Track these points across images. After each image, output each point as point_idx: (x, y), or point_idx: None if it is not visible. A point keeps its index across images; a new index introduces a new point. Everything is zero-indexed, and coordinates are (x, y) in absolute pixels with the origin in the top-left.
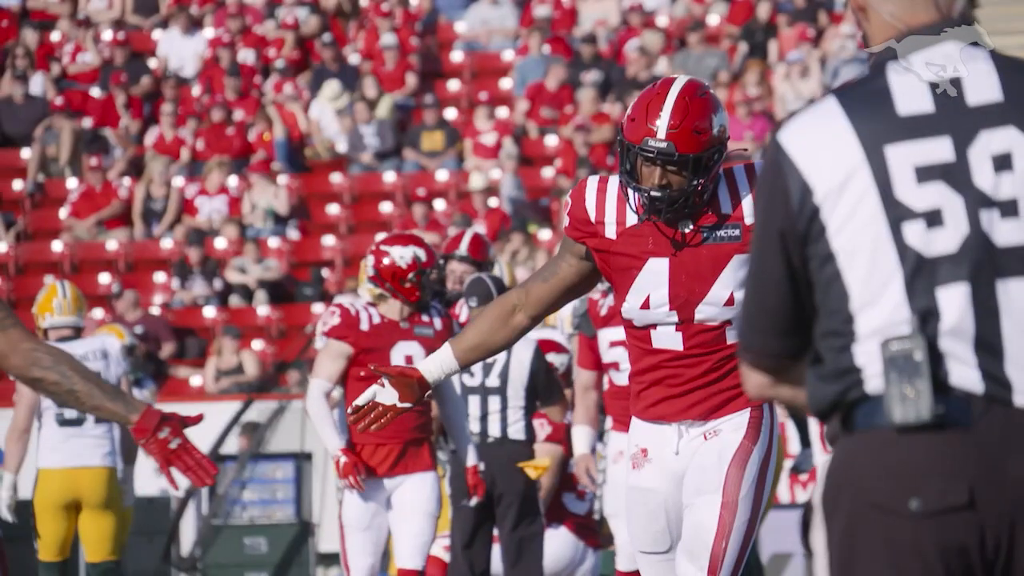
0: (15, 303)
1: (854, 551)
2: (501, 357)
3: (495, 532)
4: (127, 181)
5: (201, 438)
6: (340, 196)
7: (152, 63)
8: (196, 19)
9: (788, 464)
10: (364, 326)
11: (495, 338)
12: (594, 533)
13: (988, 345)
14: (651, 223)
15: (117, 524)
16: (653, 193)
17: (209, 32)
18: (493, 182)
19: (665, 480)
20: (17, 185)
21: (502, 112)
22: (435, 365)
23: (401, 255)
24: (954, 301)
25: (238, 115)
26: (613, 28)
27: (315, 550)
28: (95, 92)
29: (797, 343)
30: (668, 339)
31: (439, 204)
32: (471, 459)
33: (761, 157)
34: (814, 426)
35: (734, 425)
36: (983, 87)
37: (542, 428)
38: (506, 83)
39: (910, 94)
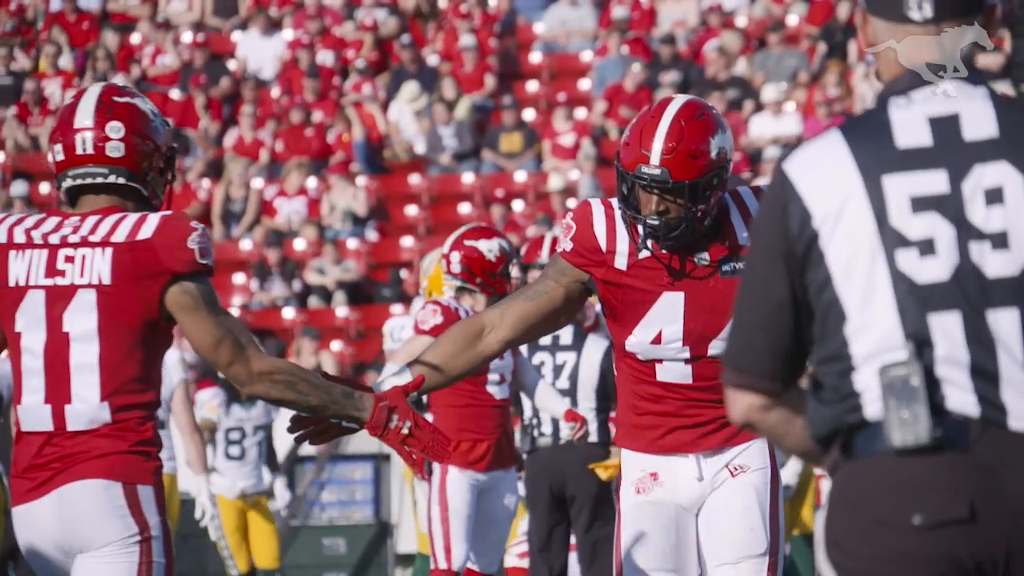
0: None
1: (860, 568)
2: (571, 359)
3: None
4: (206, 183)
5: (280, 439)
6: (419, 197)
7: (231, 65)
8: (275, 21)
9: None
10: None
11: (456, 362)
12: None
13: (983, 371)
14: (663, 257)
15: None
16: (650, 221)
17: (288, 34)
18: (571, 183)
19: (678, 499)
20: None
21: (580, 113)
22: (388, 384)
23: (489, 248)
24: (947, 328)
25: (317, 116)
26: (692, 28)
27: (393, 551)
28: (175, 94)
29: (790, 369)
30: (676, 373)
31: (517, 205)
32: (565, 404)
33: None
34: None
35: (757, 460)
36: (979, 123)
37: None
38: (584, 84)
39: (910, 128)
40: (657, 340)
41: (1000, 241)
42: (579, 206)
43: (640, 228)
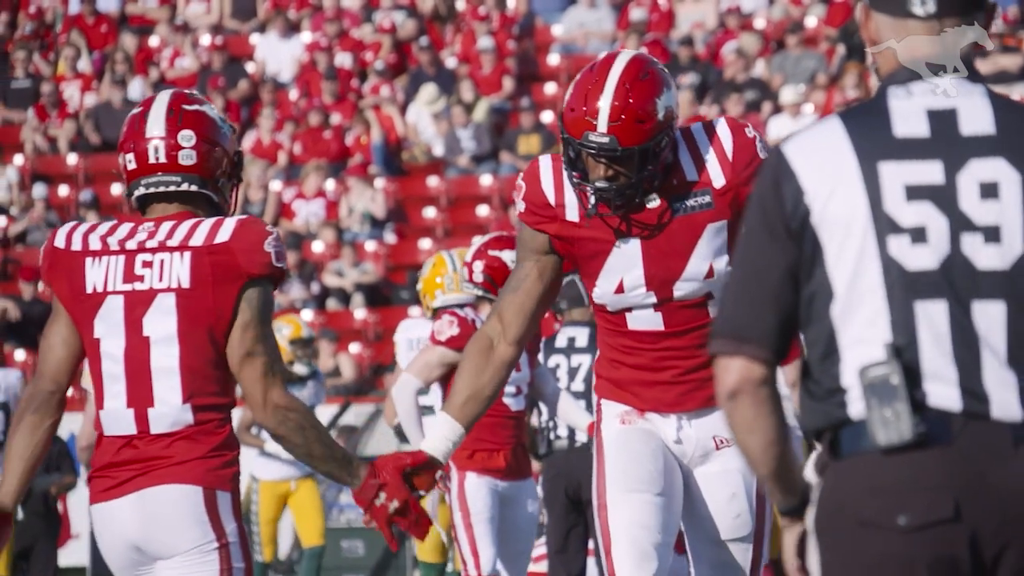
0: None
1: (847, 568)
2: (586, 361)
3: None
4: None
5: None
6: (437, 199)
7: (250, 67)
8: (293, 23)
9: None
10: None
11: (483, 382)
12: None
13: (966, 361)
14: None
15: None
16: (599, 185)
17: (306, 36)
18: None
19: (664, 438)
20: (116, 189)
21: None
22: (439, 440)
23: (511, 258)
24: (932, 317)
25: (335, 119)
26: (710, 30)
27: (412, 554)
28: None
29: (781, 344)
30: (646, 320)
31: None
32: (587, 417)
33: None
34: None
35: None
36: (977, 120)
37: None
38: None
39: (908, 118)
40: (620, 289)
41: (992, 235)
42: (529, 165)
43: (589, 193)
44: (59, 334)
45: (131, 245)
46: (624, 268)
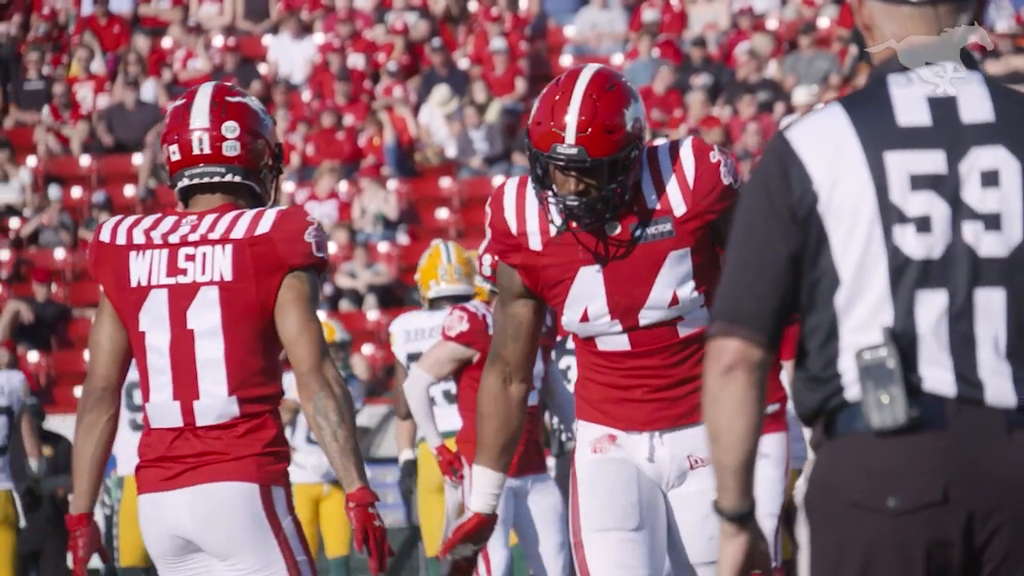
0: None
1: (836, 548)
2: None
3: None
4: None
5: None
6: (449, 201)
7: (262, 69)
8: (306, 24)
9: None
10: (491, 331)
11: (512, 423)
12: None
13: (962, 348)
14: (576, 231)
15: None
16: (569, 201)
17: (319, 37)
18: None
19: (638, 462)
20: (129, 191)
21: None
22: (485, 495)
23: None
24: (933, 304)
25: (348, 120)
26: (723, 31)
27: (425, 554)
28: None
29: (779, 331)
30: (614, 343)
31: None
32: None
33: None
34: None
35: None
36: (976, 107)
37: None
38: None
39: (910, 107)
40: (585, 318)
41: (993, 222)
42: (495, 191)
43: (556, 209)
44: (104, 330)
45: (174, 239)
46: (588, 297)
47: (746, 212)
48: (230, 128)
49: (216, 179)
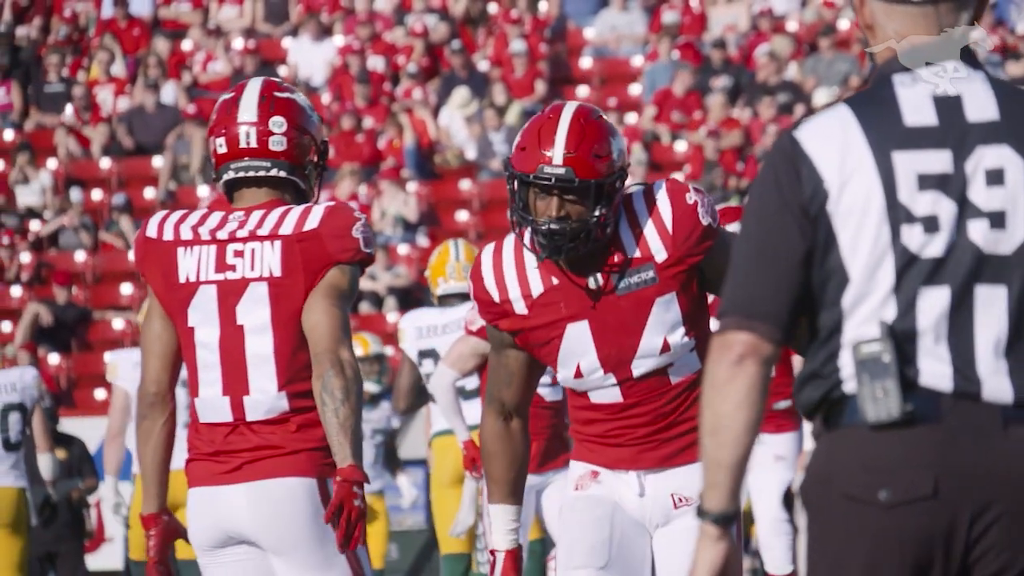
0: None
1: (831, 539)
2: None
3: None
4: None
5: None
6: (469, 203)
7: (282, 71)
8: (326, 27)
9: None
10: None
11: (519, 457)
12: None
13: (961, 343)
14: (558, 289)
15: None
16: (552, 227)
17: (339, 40)
18: None
19: (618, 499)
20: (149, 193)
21: (631, 118)
22: (509, 533)
23: None
24: (935, 300)
25: (368, 122)
26: (743, 33)
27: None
28: None
29: (791, 327)
30: (608, 396)
31: None
32: None
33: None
34: None
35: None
36: (981, 106)
37: None
38: (635, 89)
39: (916, 106)
40: (578, 374)
41: (998, 220)
42: (473, 263)
43: (539, 237)
44: (154, 330)
45: (222, 235)
46: (578, 353)
47: (757, 208)
48: (277, 123)
49: (261, 173)
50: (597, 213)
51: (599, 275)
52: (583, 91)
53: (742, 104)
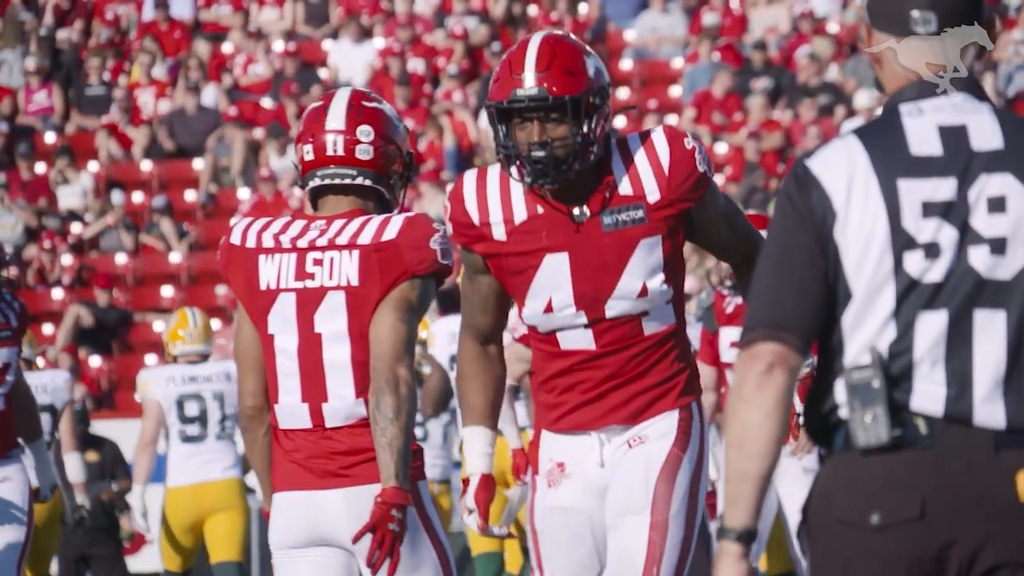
0: None
1: (826, 563)
2: None
3: None
4: (298, 191)
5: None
6: None
7: (323, 73)
8: (366, 29)
9: None
10: None
11: (496, 381)
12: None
13: (957, 367)
14: (541, 218)
15: (243, 527)
16: (535, 154)
17: (379, 42)
18: None
19: (588, 497)
20: (190, 196)
21: (671, 120)
22: (485, 456)
23: None
24: (933, 325)
25: (408, 124)
26: (783, 35)
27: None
28: (266, 103)
29: (814, 337)
30: (578, 340)
31: None
32: None
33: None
34: None
35: (661, 430)
36: (986, 135)
37: None
38: (675, 91)
39: (922, 137)
40: (549, 308)
41: (998, 246)
42: (455, 182)
43: (524, 166)
44: (245, 339)
45: (302, 243)
46: (552, 286)
47: (781, 225)
48: (364, 132)
49: (347, 181)
50: (582, 132)
51: (586, 207)
52: (624, 93)
53: (783, 106)
